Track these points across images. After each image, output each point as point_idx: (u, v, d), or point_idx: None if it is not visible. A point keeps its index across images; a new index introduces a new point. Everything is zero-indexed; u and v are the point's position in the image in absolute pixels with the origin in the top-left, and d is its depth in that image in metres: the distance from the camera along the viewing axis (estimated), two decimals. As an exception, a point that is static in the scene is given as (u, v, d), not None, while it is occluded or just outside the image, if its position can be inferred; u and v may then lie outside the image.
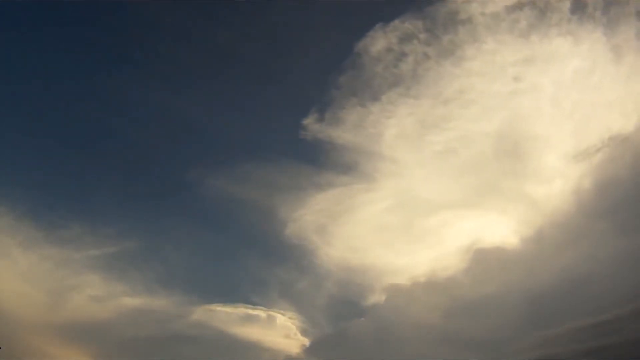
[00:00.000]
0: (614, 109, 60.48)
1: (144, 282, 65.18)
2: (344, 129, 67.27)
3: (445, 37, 63.87)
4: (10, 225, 61.58)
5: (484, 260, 60.38)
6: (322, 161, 69.30)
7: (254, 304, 66.65)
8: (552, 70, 63.94)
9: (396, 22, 64.21)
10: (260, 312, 65.68)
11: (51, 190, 69.02)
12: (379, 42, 64.73)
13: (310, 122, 66.75)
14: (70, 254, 63.45)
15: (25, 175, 67.78)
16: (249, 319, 65.12)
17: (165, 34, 71.79)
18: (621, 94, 60.40)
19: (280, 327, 65.26)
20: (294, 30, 69.77)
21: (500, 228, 63.20)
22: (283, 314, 66.01)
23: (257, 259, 71.20)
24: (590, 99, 62.11)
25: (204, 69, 72.62)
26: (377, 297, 65.16)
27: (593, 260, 51.29)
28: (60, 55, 70.11)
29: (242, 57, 72.16)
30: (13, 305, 58.06)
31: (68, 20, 69.76)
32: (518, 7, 62.92)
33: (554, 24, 62.72)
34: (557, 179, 62.32)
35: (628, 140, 57.09)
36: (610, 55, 60.94)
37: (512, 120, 64.33)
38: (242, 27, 70.47)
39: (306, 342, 64.59)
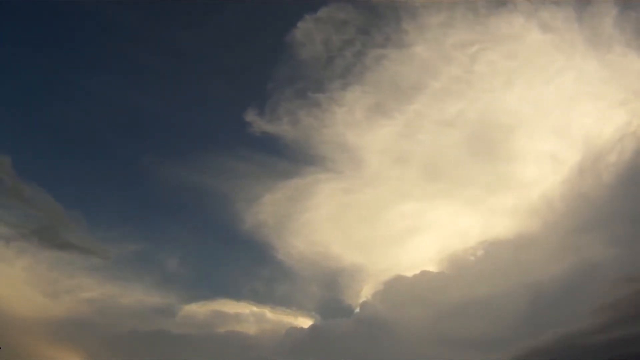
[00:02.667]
0: (591, 101, 57.27)
1: (141, 283, 67.15)
2: (289, 122, 66.56)
3: (385, 23, 61.15)
4: (9, 229, 63.15)
5: (461, 259, 58.63)
6: (282, 153, 70.40)
7: (229, 298, 67.46)
8: (516, 57, 60.79)
9: (324, 10, 62.47)
10: (231, 308, 66.23)
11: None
12: (312, 32, 62.78)
13: (255, 118, 66.67)
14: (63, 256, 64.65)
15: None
16: (220, 316, 65.63)
17: (124, 35, 74.04)
18: (597, 83, 57.27)
19: (256, 322, 65.10)
20: (238, 28, 71.37)
21: (476, 223, 61.20)
22: (256, 309, 66.26)
23: (227, 254, 73.50)
24: (566, 92, 59.16)
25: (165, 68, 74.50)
26: (355, 298, 65.12)
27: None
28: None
29: (194, 54, 75.15)
30: (12, 306, 59.69)
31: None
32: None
33: (516, 9, 59.28)
34: (533, 173, 59.91)
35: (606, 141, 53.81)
36: (584, 43, 57.84)
37: (471, 108, 61.87)
38: (192, 27, 73.22)
39: (283, 337, 64.15)
